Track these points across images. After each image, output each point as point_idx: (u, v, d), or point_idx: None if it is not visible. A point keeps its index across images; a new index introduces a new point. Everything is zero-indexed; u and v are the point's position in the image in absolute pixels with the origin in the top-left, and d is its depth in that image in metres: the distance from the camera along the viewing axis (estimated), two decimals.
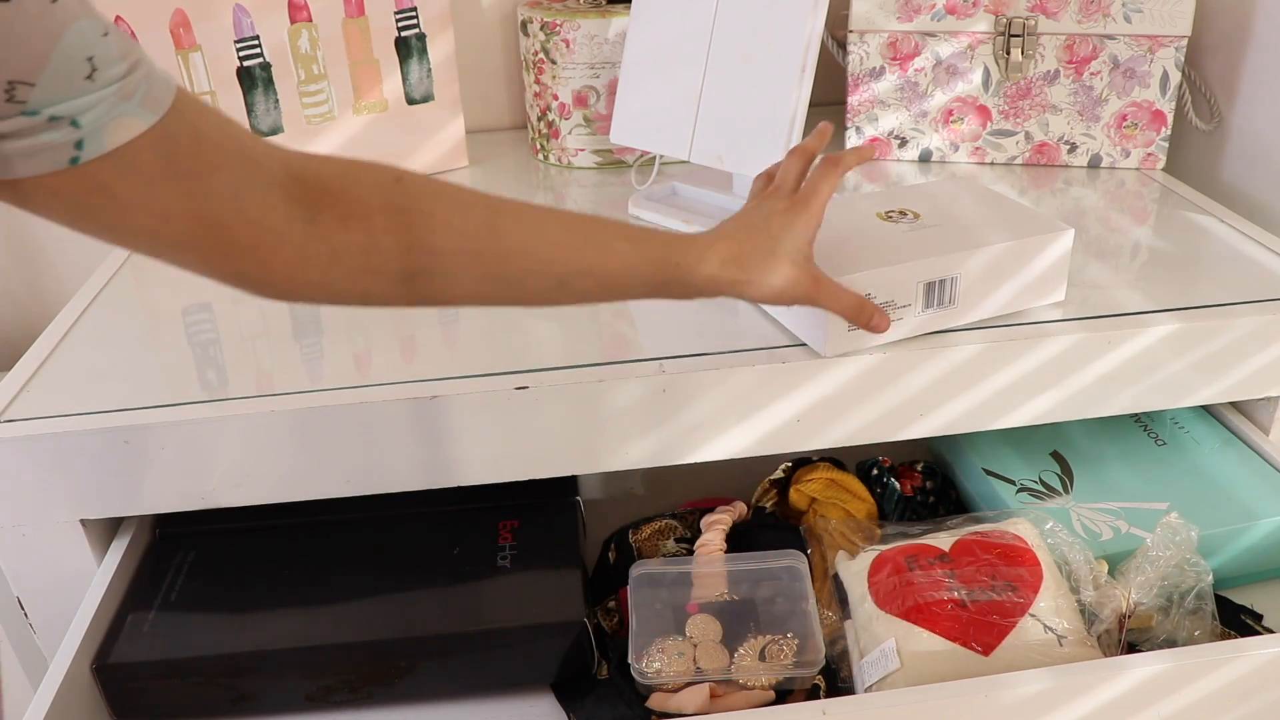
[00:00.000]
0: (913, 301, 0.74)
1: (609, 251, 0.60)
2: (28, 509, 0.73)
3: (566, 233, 0.59)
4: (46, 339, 0.83)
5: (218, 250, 0.50)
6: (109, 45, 0.44)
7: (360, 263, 0.53)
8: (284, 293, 0.53)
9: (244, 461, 0.72)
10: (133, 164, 0.46)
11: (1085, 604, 0.71)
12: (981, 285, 0.76)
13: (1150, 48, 1.03)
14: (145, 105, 0.45)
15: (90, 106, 0.43)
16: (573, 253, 0.59)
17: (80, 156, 0.44)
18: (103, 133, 0.44)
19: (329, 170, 0.53)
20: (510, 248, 0.57)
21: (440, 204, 0.56)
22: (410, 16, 1.07)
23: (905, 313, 0.75)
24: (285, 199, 0.50)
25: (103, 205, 0.46)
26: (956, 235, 0.77)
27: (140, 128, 0.45)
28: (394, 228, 0.54)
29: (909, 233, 0.77)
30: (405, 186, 0.55)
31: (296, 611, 0.74)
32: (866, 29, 1.07)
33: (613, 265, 0.60)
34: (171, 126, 0.47)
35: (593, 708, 0.71)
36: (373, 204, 0.53)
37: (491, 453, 0.74)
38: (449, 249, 0.55)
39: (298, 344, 0.81)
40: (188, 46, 0.96)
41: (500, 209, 0.58)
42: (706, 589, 0.75)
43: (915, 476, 0.89)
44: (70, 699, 0.67)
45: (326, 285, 0.53)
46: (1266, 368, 0.81)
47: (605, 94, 1.09)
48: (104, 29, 0.44)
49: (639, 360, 0.75)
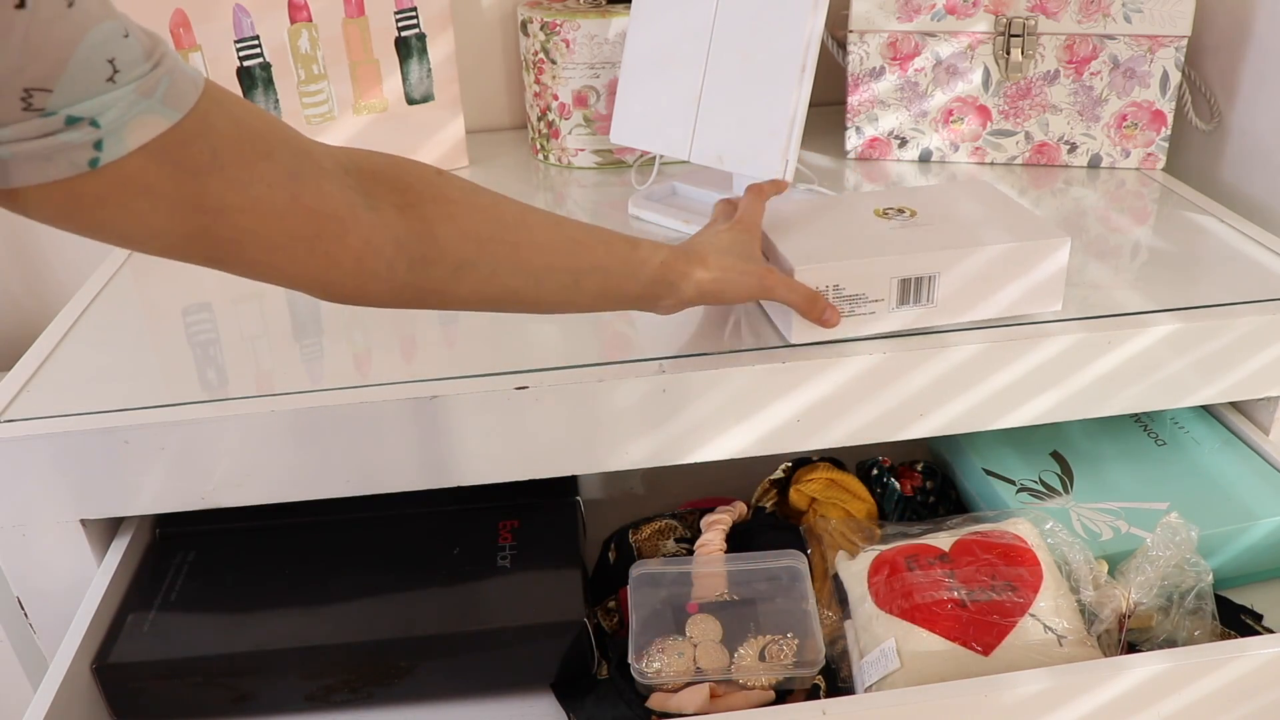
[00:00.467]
0: (886, 297, 0.74)
1: (614, 250, 0.64)
2: (28, 509, 0.73)
3: (579, 230, 0.63)
4: (46, 339, 0.83)
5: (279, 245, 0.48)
6: (131, 46, 0.42)
7: (420, 252, 0.53)
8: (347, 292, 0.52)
9: (244, 461, 0.72)
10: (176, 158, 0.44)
11: (1085, 604, 0.71)
12: (967, 287, 0.76)
13: (1150, 48, 1.03)
14: (168, 102, 0.44)
15: (110, 106, 0.42)
16: (586, 249, 0.62)
17: (100, 158, 0.42)
18: (124, 131, 0.42)
19: (376, 162, 0.53)
20: (539, 240, 0.60)
21: (480, 196, 0.58)
22: (410, 16, 1.07)
23: (878, 308, 0.74)
24: (340, 187, 0.49)
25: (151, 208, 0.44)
26: (944, 234, 0.76)
27: (163, 125, 0.43)
28: (445, 217, 0.54)
29: (897, 229, 0.77)
30: (446, 179, 0.56)
31: (296, 611, 0.74)
32: (866, 29, 1.07)
33: (616, 264, 0.64)
34: (209, 118, 0.45)
35: (593, 708, 0.71)
36: (425, 193, 0.54)
37: (491, 453, 0.74)
38: (491, 238, 0.57)
39: (298, 344, 0.81)
40: (188, 46, 0.96)
41: (524, 205, 0.61)
42: (706, 589, 0.75)
43: (915, 476, 0.89)
44: (70, 699, 0.67)
45: (391, 278, 0.52)
46: (1266, 368, 0.81)
47: (605, 94, 1.09)
48: (125, 30, 0.43)
49: (639, 360, 0.75)
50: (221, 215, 0.46)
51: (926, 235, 0.76)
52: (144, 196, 0.44)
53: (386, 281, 0.53)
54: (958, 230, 0.77)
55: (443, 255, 0.54)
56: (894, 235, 0.76)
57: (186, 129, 0.44)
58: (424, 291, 0.55)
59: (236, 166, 0.46)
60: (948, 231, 0.77)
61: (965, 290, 0.76)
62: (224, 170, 0.46)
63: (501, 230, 0.58)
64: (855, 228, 0.78)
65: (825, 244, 0.76)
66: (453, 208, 0.55)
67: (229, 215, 0.46)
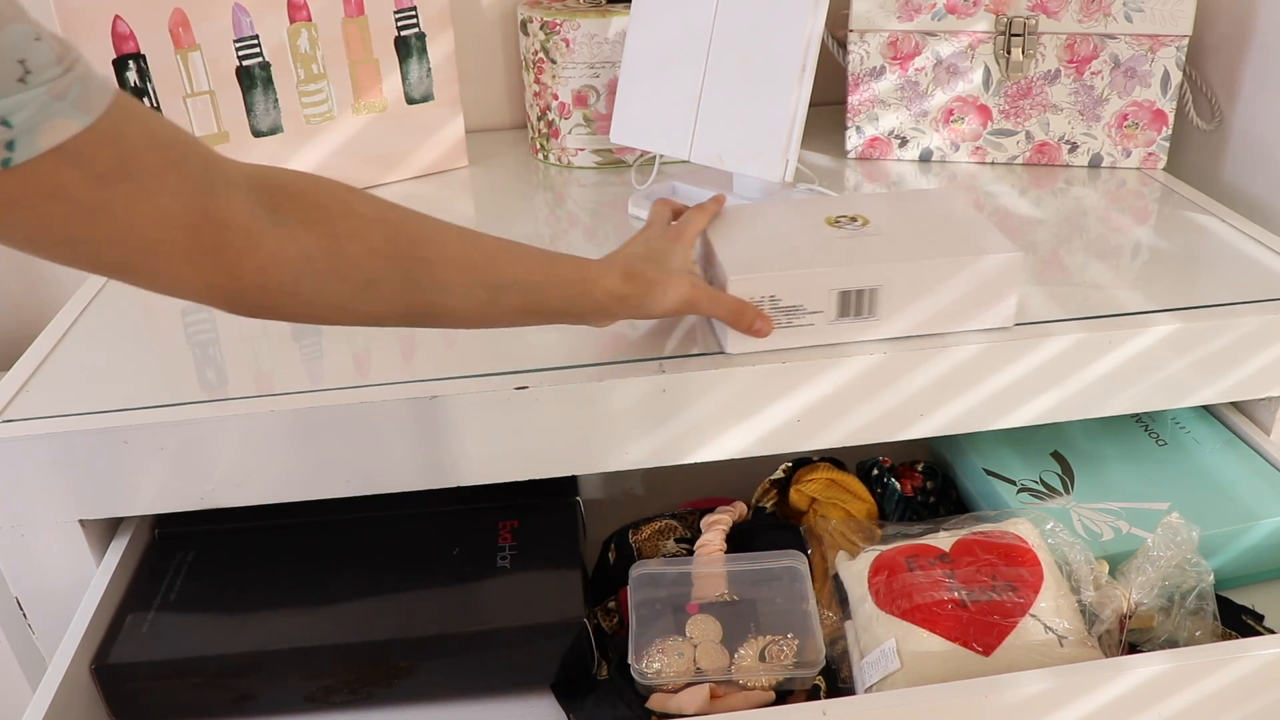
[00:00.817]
0: (825, 309, 0.73)
1: (532, 264, 0.64)
2: (27, 509, 0.73)
3: (495, 245, 0.63)
4: (45, 339, 0.83)
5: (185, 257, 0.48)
6: (43, 50, 0.42)
7: (327, 267, 0.53)
8: (253, 304, 0.52)
9: (243, 461, 0.72)
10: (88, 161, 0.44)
11: (1086, 604, 0.71)
12: (911, 301, 0.74)
13: (1151, 47, 1.03)
14: (80, 106, 0.44)
15: (21, 106, 0.42)
16: (502, 264, 0.62)
17: (12, 158, 0.42)
18: (36, 133, 0.42)
19: (286, 179, 0.53)
20: (452, 255, 0.60)
21: (389, 211, 0.58)
22: (410, 16, 1.07)
23: (818, 319, 0.73)
24: (248, 201, 0.50)
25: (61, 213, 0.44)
26: (891, 246, 0.74)
27: (75, 128, 0.43)
28: (353, 233, 0.54)
29: (845, 239, 0.75)
30: (358, 195, 0.57)
31: (296, 611, 0.74)
32: (867, 28, 1.07)
33: (535, 277, 0.64)
34: (120, 124, 0.45)
35: (593, 708, 0.71)
36: (334, 209, 0.54)
37: (491, 453, 0.74)
38: (402, 254, 0.57)
39: (297, 344, 0.81)
40: (187, 46, 0.96)
41: (438, 221, 0.60)
42: (706, 589, 0.75)
43: (915, 476, 0.89)
44: (69, 699, 0.67)
45: (297, 293, 0.53)
46: (1267, 368, 0.81)
47: (605, 94, 1.09)
48: (37, 34, 0.43)
49: (639, 360, 0.75)
50: (131, 225, 0.46)
51: (872, 246, 0.74)
52: (54, 200, 0.44)
53: (293, 296, 0.53)
54: (906, 242, 0.75)
55: (351, 270, 0.54)
56: (839, 245, 0.74)
57: (98, 133, 0.44)
58: (333, 307, 0.55)
59: (146, 175, 0.46)
60: (896, 242, 0.75)
61: (910, 304, 0.74)
62: (133, 178, 0.46)
63: (412, 246, 0.58)
64: (802, 236, 0.76)
65: (766, 253, 0.74)
66: (361, 223, 0.55)
67: (137, 225, 0.46)
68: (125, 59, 0.93)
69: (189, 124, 0.98)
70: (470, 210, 1.06)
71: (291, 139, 1.04)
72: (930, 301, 0.74)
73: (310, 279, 0.53)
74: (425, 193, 1.10)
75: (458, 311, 0.61)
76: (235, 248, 0.49)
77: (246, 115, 1.01)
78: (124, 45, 0.92)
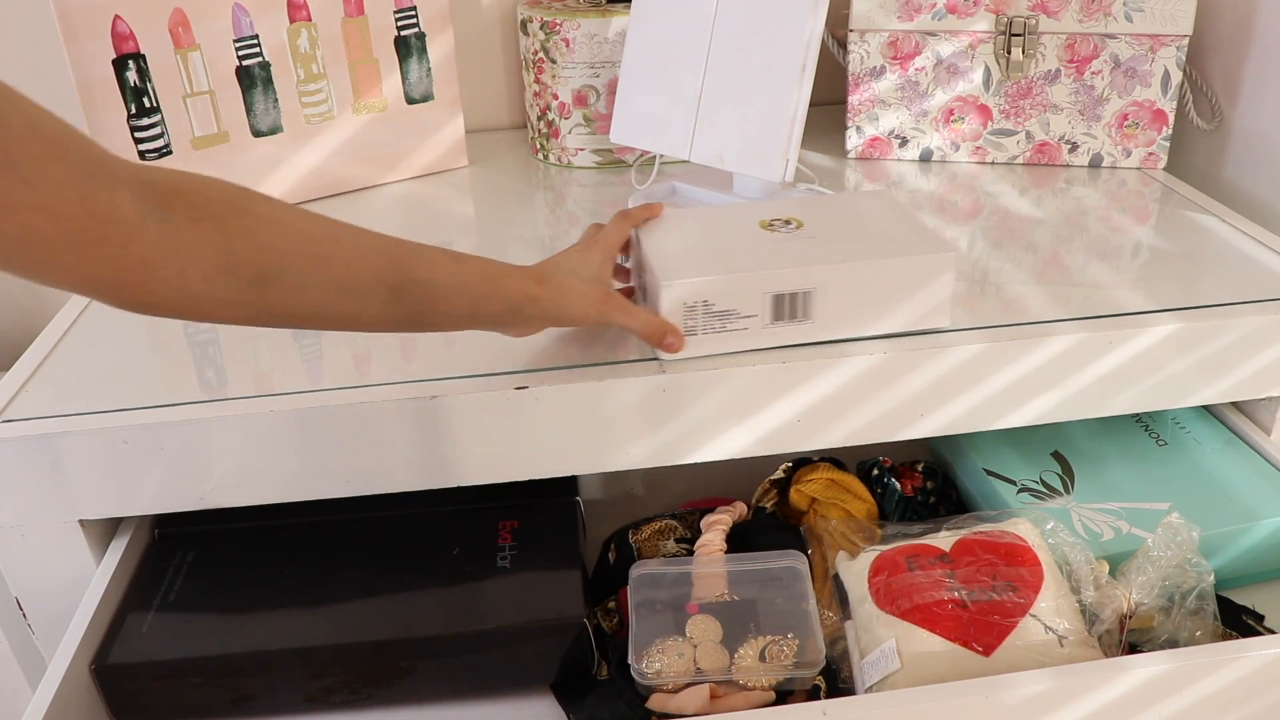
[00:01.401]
0: (759, 312, 0.72)
1: (437, 265, 0.63)
2: (26, 509, 0.73)
3: (398, 245, 0.62)
4: (45, 339, 0.83)
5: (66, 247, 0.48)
6: None
7: (215, 262, 0.53)
8: (139, 299, 0.52)
9: (243, 461, 0.72)
10: None
11: (1086, 604, 0.71)
12: (846, 303, 0.73)
13: (1151, 47, 1.03)
14: None
15: None
16: (404, 263, 0.61)
17: None
18: None
19: (175, 178, 0.53)
20: (350, 254, 0.59)
21: (284, 211, 0.57)
22: (410, 16, 1.07)
23: (752, 324, 0.73)
24: (133, 196, 0.50)
25: None
26: (824, 248, 0.74)
27: None
28: (244, 230, 0.54)
29: (779, 242, 0.75)
30: (251, 195, 0.56)
31: (296, 612, 0.74)
32: (867, 28, 1.07)
33: (441, 277, 0.62)
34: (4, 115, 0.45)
35: (593, 708, 0.71)
36: (223, 206, 0.54)
37: (491, 453, 0.74)
38: (296, 251, 0.57)
39: (297, 344, 0.81)
40: (187, 46, 0.96)
41: (339, 222, 0.60)
42: (706, 589, 0.75)
43: (916, 476, 0.89)
44: (69, 700, 0.67)
45: (183, 288, 0.52)
46: (1268, 368, 0.81)
47: (605, 93, 1.09)
48: None
49: (639, 360, 0.74)
50: (10, 213, 0.46)
51: (805, 249, 0.74)
52: None
53: (178, 290, 0.52)
54: (840, 244, 0.74)
55: (241, 266, 0.54)
56: (772, 248, 0.74)
57: None
58: (225, 304, 0.55)
59: (29, 164, 0.46)
60: (829, 245, 0.74)
61: (845, 307, 0.73)
62: (16, 168, 0.45)
63: (306, 244, 0.57)
64: (735, 240, 0.76)
65: (699, 258, 0.73)
66: (252, 220, 0.55)
67: (18, 213, 0.46)
68: (125, 59, 0.92)
69: (189, 124, 0.98)
70: (470, 210, 1.06)
71: (291, 139, 1.04)
72: (865, 303, 0.74)
73: (197, 275, 0.52)
74: (425, 193, 1.10)
75: (362, 313, 0.60)
76: (117, 240, 0.49)
77: (246, 115, 1.01)
78: (124, 45, 0.92)
